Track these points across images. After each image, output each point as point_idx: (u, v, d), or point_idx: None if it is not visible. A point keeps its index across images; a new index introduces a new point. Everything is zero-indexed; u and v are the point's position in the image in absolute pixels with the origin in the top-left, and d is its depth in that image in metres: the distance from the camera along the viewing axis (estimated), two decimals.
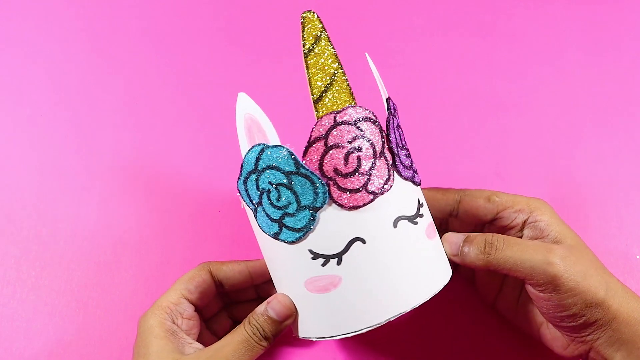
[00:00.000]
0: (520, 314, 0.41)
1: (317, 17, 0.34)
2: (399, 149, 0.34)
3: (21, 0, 0.56)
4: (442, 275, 0.35)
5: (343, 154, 0.32)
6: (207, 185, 0.49)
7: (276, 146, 0.32)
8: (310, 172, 0.32)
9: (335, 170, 0.32)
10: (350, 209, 0.32)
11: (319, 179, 0.32)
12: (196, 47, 0.55)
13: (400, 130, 0.36)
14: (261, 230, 0.35)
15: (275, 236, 0.34)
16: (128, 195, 0.49)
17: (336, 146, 0.32)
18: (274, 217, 0.33)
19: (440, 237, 0.38)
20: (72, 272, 0.47)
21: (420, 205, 0.35)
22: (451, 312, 0.45)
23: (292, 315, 0.35)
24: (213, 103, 0.52)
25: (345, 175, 0.32)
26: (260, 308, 0.36)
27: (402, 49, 0.54)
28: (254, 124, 0.34)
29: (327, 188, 0.32)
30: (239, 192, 0.35)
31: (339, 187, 0.32)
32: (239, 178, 0.34)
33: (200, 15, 0.56)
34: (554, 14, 0.55)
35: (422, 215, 0.35)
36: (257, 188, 0.33)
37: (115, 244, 0.47)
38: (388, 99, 0.35)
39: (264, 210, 0.34)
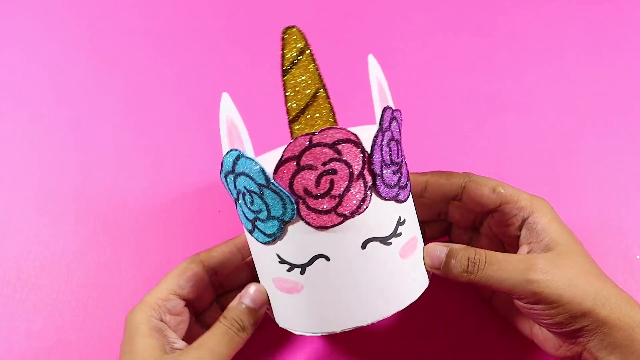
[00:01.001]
0: (513, 313, 0.41)
1: (300, 32, 0.32)
2: (385, 168, 0.33)
3: (21, 0, 0.56)
4: (408, 293, 0.35)
5: (315, 176, 0.31)
6: (207, 185, 0.49)
7: (249, 158, 0.31)
8: (280, 189, 0.31)
9: (306, 191, 0.31)
10: (317, 228, 0.32)
11: (288, 196, 0.31)
12: (196, 47, 0.55)
13: (393, 143, 0.34)
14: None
15: (250, 233, 0.35)
16: (128, 195, 0.49)
17: (309, 167, 0.31)
18: (248, 217, 0.34)
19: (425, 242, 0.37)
20: (72, 272, 0.47)
21: (400, 223, 0.34)
22: (451, 310, 0.45)
23: (266, 301, 0.37)
24: (214, 103, 0.52)
25: (316, 197, 0.31)
26: (234, 302, 0.37)
27: (402, 49, 0.54)
28: (233, 128, 0.33)
29: (296, 206, 0.31)
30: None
31: (308, 207, 0.32)
32: (220, 172, 0.34)
33: (201, 15, 0.56)
34: (554, 14, 0.55)
35: (399, 235, 0.34)
36: (235, 187, 0.34)
37: (116, 244, 0.47)
38: (384, 110, 0.33)
39: (241, 207, 0.34)
